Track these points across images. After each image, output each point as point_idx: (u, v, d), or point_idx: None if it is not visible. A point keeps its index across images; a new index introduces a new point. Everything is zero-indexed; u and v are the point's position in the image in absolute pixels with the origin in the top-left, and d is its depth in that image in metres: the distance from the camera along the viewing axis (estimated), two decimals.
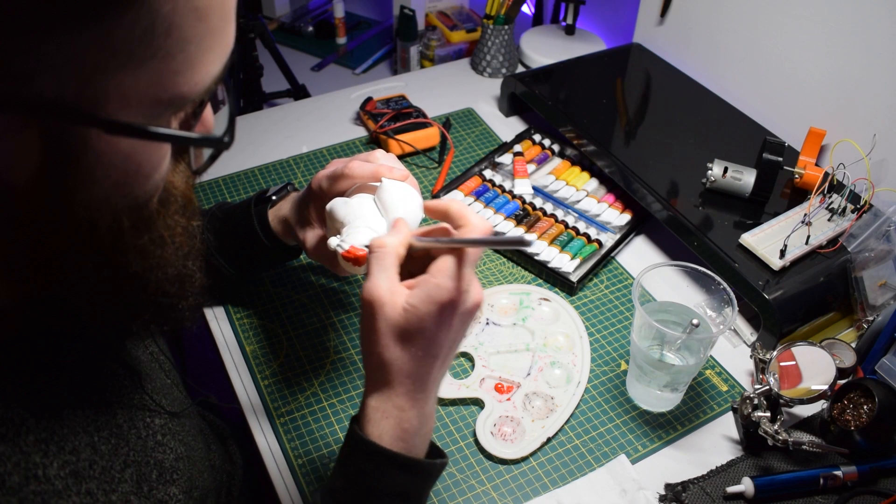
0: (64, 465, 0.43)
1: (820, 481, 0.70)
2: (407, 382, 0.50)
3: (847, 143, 0.93)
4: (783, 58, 1.03)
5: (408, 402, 0.51)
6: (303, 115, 1.19)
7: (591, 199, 1.02)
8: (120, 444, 0.49)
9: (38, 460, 0.41)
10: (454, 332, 0.51)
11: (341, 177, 0.64)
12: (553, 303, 0.88)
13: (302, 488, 0.70)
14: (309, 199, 0.69)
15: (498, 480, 0.71)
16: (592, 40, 1.37)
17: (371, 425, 0.51)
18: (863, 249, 0.84)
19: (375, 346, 0.50)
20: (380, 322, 0.49)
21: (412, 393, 0.51)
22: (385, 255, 0.51)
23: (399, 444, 0.51)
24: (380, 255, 0.51)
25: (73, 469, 0.44)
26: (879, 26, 0.89)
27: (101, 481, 0.46)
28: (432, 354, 0.50)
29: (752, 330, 0.86)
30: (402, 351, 0.50)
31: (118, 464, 0.48)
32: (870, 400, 0.71)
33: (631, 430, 0.76)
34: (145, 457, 0.51)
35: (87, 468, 0.45)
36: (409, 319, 0.49)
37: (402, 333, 0.49)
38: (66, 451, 0.44)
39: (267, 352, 0.82)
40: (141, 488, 0.49)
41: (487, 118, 1.20)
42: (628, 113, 1.11)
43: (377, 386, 0.51)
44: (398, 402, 0.51)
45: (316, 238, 0.69)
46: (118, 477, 0.47)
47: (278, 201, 0.76)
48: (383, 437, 0.51)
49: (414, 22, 1.76)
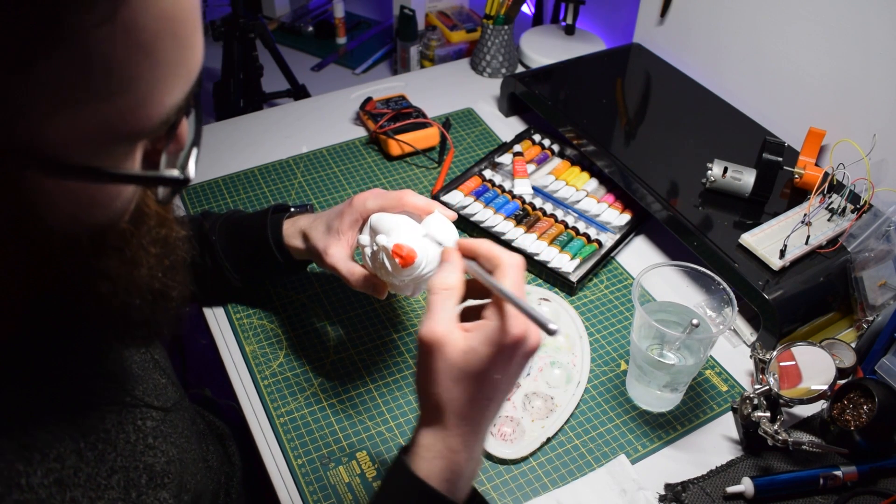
0: (48, 473, 0.42)
1: (820, 481, 0.70)
2: (462, 424, 0.50)
3: (847, 143, 0.93)
4: (783, 58, 1.03)
5: (461, 444, 0.50)
6: (303, 115, 1.19)
7: (591, 199, 1.02)
8: (107, 450, 0.48)
9: (21, 468, 0.40)
10: (511, 376, 0.50)
11: (393, 201, 0.66)
12: (553, 303, 0.88)
13: (302, 488, 0.70)
14: (344, 212, 0.69)
15: (498, 480, 0.71)
16: (592, 40, 1.37)
17: (421, 462, 0.51)
18: (863, 249, 0.84)
19: (433, 387, 0.50)
20: (439, 362, 0.49)
21: (466, 435, 0.50)
22: (449, 295, 0.51)
23: (445, 486, 0.50)
24: (444, 295, 0.51)
25: (58, 477, 0.43)
26: (879, 26, 0.89)
27: (87, 489, 0.45)
28: (488, 397, 0.50)
29: (751, 330, 0.86)
30: (460, 393, 0.49)
31: (104, 470, 0.47)
32: (870, 400, 0.71)
33: (631, 430, 0.76)
34: (134, 461, 0.51)
35: (71, 475, 0.44)
36: (469, 361, 0.48)
37: (461, 375, 0.49)
38: (50, 458, 0.43)
39: (267, 352, 0.82)
40: (129, 494, 0.49)
41: (487, 118, 1.20)
42: (628, 113, 1.11)
43: (432, 424, 0.51)
44: (451, 444, 0.50)
45: (339, 248, 0.70)
46: (104, 484, 0.47)
47: (295, 214, 0.77)
48: (431, 477, 0.50)
49: (414, 22, 1.76)
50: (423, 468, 0.50)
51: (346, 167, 1.08)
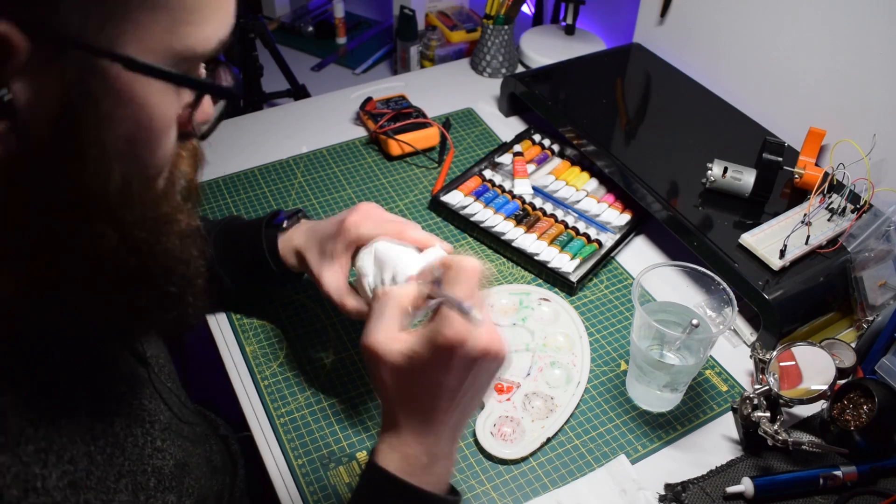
0: (62, 476, 0.42)
1: (820, 481, 0.70)
2: (413, 423, 0.52)
3: (847, 143, 0.93)
4: (783, 58, 1.03)
5: (414, 440, 0.52)
6: (303, 115, 1.19)
7: (591, 199, 1.02)
8: (115, 454, 0.48)
9: (38, 471, 0.40)
10: (456, 377, 0.50)
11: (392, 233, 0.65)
12: (553, 303, 0.88)
13: (302, 488, 0.70)
14: (337, 236, 0.68)
15: (498, 480, 0.71)
16: (592, 40, 1.37)
17: (379, 456, 0.53)
18: (863, 249, 0.84)
19: (379, 391, 0.53)
20: (380, 368, 0.51)
21: (419, 434, 0.52)
22: (384, 303, 0.53)
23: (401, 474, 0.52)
24: (383, 301, 0.53)
25: (72, 480, 0.43)
26: (879, 26, 0.89)
27: (98, 491, 0.45)
28: (436, 397, 0.51)
29: (751, 330, 0.86)
30: (404, 394, 0.52)
31: (113, 473, 0.47)
32: (869, 400, 0.71)
33: (631, 430, 0.76)
34: (142, 465, 0.51)
35: (83, 478, 0.44)
36: (410, 364, 0.50)
37: (403, 377, 0.51)
38: (64, 460, 0.43)
39: (267, 352, 0.82)
40: (138, 497, 0.49)
41: (487, 118, 1.20)
42: (628, 113, 1.11)
43: (387, 424, 0.54)
44: (405, 440, 0.53)
45: (332, 275, 0.69)
46: (114, 487, 0.47)
47: (288, 229, 0.76)
48: (389, 467, 0.53)
49: (414, 22, 1.76)
50: (381, 460, 0.53)
51: (346, 167, 1.08)
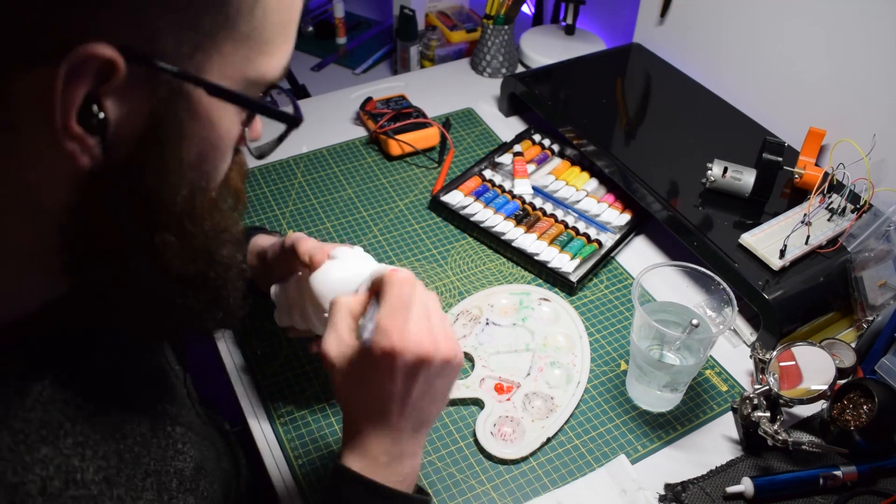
0: (98, 471, 0.43)
1: (820, 481, 0.70)
2: (368, 426, 0.53)
3: (847, 143, 0.93)
4: (783, 58, 1.03)
5: (372, 442, 0.54)
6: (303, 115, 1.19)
7: (591, 199, 1.02)
8: (142, 453, 0.49)
9: (77, 464, 0.42)
10: (402, 385, 0.51)
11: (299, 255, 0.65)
12: (553, 303, 0.88)
13: (302, 488, 0.70)
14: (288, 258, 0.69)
15: (498, 480, 0.71)
16: (592, 40, 1.37)
17: (343, 457, 0.55)
18: (863, 249, 0.84)
19: (336, 396, 0.55)
20: (334, 374, 0.53)
21: (376, 437, 0.53)
22: (334, 312, 0.55)
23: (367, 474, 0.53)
24: (334, 309, 0.55)
25: (106, 475, 0.44)
26: (879, 26, 0.89)
27: (128, 488, 0.46)
28: (386, 402, 0.52)
29: (751, 330, 0.86)
30: (357, 399, 0.54)
31: (140, 472, 0.48)
32: (869, 400, 0.71)
33: (631, 430, 0.76)
34: (165, 466, 0.52)
35: (115, 475, 0.45)
36: (359, 371, 0.52)
37: (354, 384, 0.53)
38: (98, 455, 0.44)
39: (267, 352, 0.82)
40: (162, 497, 0.50)
41: (487, 118, 1.20)
42: (628, 113, 1.11)
43: (347, 427, 0.56)
44: (364, 441, 0.54)
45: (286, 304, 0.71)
46: (141, 485, 0.48)
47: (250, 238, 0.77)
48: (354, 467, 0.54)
49: (414, 22, 1.75)
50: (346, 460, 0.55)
51: (346, 167, 1.08)
